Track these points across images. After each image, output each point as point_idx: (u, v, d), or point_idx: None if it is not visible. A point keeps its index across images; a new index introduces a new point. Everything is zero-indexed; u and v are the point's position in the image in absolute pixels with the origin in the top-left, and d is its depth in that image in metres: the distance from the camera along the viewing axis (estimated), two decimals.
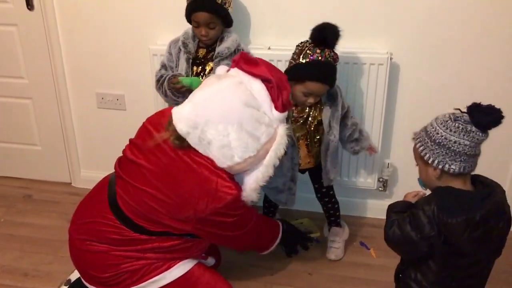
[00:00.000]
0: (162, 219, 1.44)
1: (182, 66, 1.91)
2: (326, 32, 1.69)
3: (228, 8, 1.85)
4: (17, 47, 2.40)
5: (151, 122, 1.55)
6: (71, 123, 2.52)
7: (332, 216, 2.11)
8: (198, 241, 1.56)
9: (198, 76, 1.91)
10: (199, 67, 1.92)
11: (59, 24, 2.31)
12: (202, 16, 1.81)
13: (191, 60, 1.91)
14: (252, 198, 1.46)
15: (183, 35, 1.93)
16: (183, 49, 1.91)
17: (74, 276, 1.81)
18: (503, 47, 1.94)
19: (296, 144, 1.84)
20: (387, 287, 1.84)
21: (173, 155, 1.42)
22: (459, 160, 1.21)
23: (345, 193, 2.27)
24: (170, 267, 1.53)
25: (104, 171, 1.73)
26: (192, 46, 1.91)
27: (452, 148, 1.20)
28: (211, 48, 1.91)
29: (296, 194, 1.96)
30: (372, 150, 2.02)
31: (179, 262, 1.55)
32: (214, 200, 1.38)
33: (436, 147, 1.23)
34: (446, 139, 1.21)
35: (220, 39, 1.89)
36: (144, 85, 2.28)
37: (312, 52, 1.70)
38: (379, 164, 2.16)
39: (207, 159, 1.40)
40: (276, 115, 1.41)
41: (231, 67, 1.49)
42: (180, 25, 1.94)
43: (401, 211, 1.36)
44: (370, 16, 1.99)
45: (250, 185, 1.44)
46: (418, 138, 1.29)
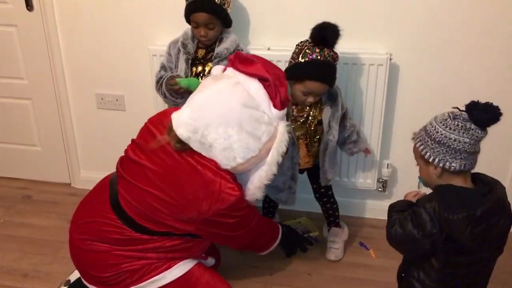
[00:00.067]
0: (165, 220, 1.44)
1: (182, 66, 1.91)
2: (326, 31, 1.68)
3: (227, 8, 1.85)
4: (16, 48, 2.40)
5: (153, 122, 1.55)
6: (70, 123, 2.52)
7: (331, 217, 2.11)
8: (199, 241, 1.56)
9: (198, 76, 1.92)
10: (199, 68, 1.92)
11: (59, 25, 2.31)
12: (201, 16, 1.81)
13: (190, 61, 1.91)
14: (257, 196, 1.49)
15: (182, 35, 1.93)
16: (182, 49, 1.91)
17: (74, 276, 1.81)
18: (502, 47, 1.94)
19: (296, 143, 1.85)
20: (387, 287, 1.85)
21: (177, 157, 1.42)
22: (459, 158, 1.22)
23: (344, 193, 2.27)
24: (170, 267, 1.53)
25: (104, 172, 1.73)
26: (191, 47, 1.91)
27: (452, 146, 1.21)
28: (210, 49, 1.91)
29: (297, 193, 1.96)
30: (368, 151, 2.03)
31: (179, 262, 1.55)
32: (217, 202, 1.39)
33: (437, 145, 1.23)
34: (446, 137, 1.21)
35: (219, 40, 1.89)
36: (144, 85, 2.28)
37: (311, 52, 1.70)
38: (379, 165, 2.16)
39: (210, 161, 1.41)
40: (275, 113, 1.42)
41: (227, 66, 1.49)
42: (179, 25, 1.94)
43: (402, 210, 1.36)
44: (370, 16, 1.99)
45: (254, 184, 1.46)
46: (418, 138, 1.30)
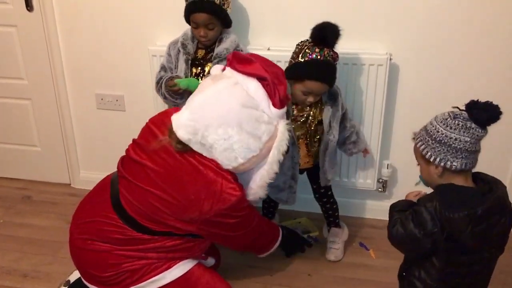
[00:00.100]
0: (166, 220, 1.44)
1: (181, 67, 1.91)
2: (326, 31, 1.68)
3: (227, 9, 1.85)
4: (16, 48, 2.40)
5: (154, 122, 1.56)
6: (70, 124, 2.52)
7: (331, 217, 2.11)
8: (199, 241, 1.56)
9: (197, 77, 1.91)
10: (198, 68, 1.91)
11: (59, 25, 2.31)
12: (200, 17, 1.81)
13: (190, 61, 1.91)
14: (260, 195, 1.51)
15: (182, 36, 1.93)
16: (182, 50, 1.91)
17: (74, 277, 1.81)
18: (502, 47, 1.94)
19: (296, 143, 1.84)
20: (387, 287, 1.85)
21: (178, 157, 1.42)
22: (460, 157, 1.22)
23: (344, 194, 2.27)
24: (170, 267, 1.53)
25: (104, 172, 1.73)
26: (191, 47, 1.91)
27: (453, 145, 1.21)
28: (210, 49, 1.91)
29: (297, 192, 1.96)
30: (366, 152, 2.04)
31: (179, 262, 1.55)
32: (218, 202, 1.39)
33: (437, 145, 1.23)
34: (446, 136, 1.22)
35: (219, 40, 1.89)
36: (144, 86, 2.28)
37: (311, 51, 1.70)
38: (379, 165, 2.16)
39: (211, 161, 1.41)
40: (275, 112, 1.42)
41: (225, 66, 1.49)
42: (179, 26, 1.94)
43: (403, 210, 1.37)
44: (370, 17, 1.99)
45: (257, 183, 1.48)
46: (418, 138, 1.30)
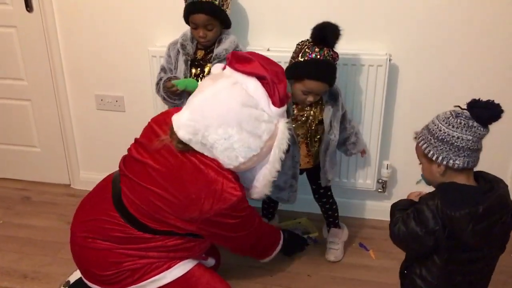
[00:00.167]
0: (167, 219, 1.45)
1: (181, 68, 1.91)
2: (326, 31, 1.69)
3: (226, 9, 1.85)
4: (16, 49, 2.41)
5: (157, 121, 1.56)
6: (70, 124, 2.52)
7: (331, 217, 2.11)
8: (200, 241, 1.57)
9: (197, 77, 1.91)
10: (198, 69, 1.91)
11: (58, 26, 2.31)
12: (200, 18, 1.81)
13: (189, 62, 1.91)
14: (265, 193, 1.52)
15: (181, 37, 1.93)
16: (181, 51, 1.91)
17: (73, 277, 1.80)
18: (502, 47, 1.94)
19: (297, 142, 1.85)
20: None
21: (180, 156, 1.43)
22: (462, 155, 1.22)
23: (344, 194, 2.27)
24: (170, 267, 1.53)
25: (104, 173, 1.73)
26: (190, 48, 1.91)
27: (455, 143, 1.22)
28: (209, 50, 1.91)
29: (298, 191, 1.95)
30: (364, 152, 2.05)
31: (180, 262, 1.55)
32: (219, 201, 1.39)
33: (440, 143, 1.24)
34: (449, 135, 1.22)
35: (218, 41, 1.89)
36: (143, 86, 2.29)
37: (311, 51, 1.70)
38: (378, 165, 2.16)
39: (213, 160, 1.42)
40: (275, 110, 1.42)
41: (225, 65, 1.49)
42: (179, 26, 1.94)
43: (404, 208, 1.37)
44: (369, 17, 1.99)
45: (260, 182, 1.49)
46: (420, 137, 1.31)
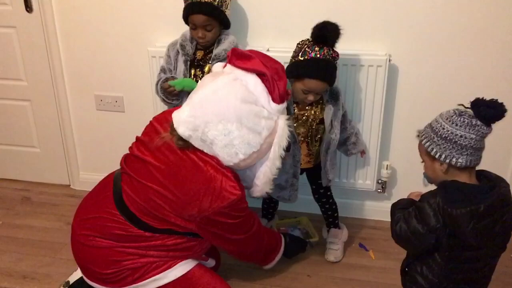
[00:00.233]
0: (167, 217, 1.45)
1: (180, 68, 1.91)
2: (326, 30, 1.69)
3: (226, 10, 1.85)
4: (16, 49, 2.41)
5: (158, 119, 1.57)
6: (70, 125, 2.52)
7: (331, 217, 2.11)
8: (200, 240, 1.57)
9: (196, 78, 1.91)
10: (197, 69, 1.91)
11: (58, 26, 2.31)
12: (198, 18, 1.81)
13: (189, 62, 1.91)
14: (266, 190, 1.52)
15: (181, 37, 1.93)
16: (181, 51, 1.91)
17: (73, 278, 1.80)
18: (501, 48, 1.94)
19: (298, 141, 1.85)
20: None
21: (180, 153, 1.43)
22: (465, 153, 1.23)
23: (344, 194, 2.27)
24: (171, 267, 1.53)
25: (103, 173, 1.73)
26: (190, 48, 1.91)
27: (458, 142, 1.22)
28: (208, 50, 1.91)
29: (298, 189, 1.96)
30: (364, 153, 2.06)
31: (180, 261, 1.55)
32: (218, 199, 1.39)
33: (443, 141, 1.24)
34: (452, 133, 1.22)
35: (218, 41, 1.89)
36: (143, 87, 2.28)
37: (310, 50, 1.70)
38: (378, 166, 2.15)
39: (212, 158, 1.42)
40: (274, 106, 1.42)
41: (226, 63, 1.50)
42: (179, 27, 1.94)
43: (405, 207, 1.37)
44: (369, 18, 1.99)
45: (261, 180, 1.49)
46: (423, 135, 1.31)
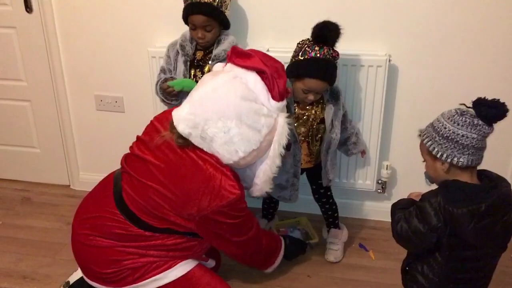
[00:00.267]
0: (166, 216, 1.45)
1: (180, 68, 1.91)
2: (327, 29, 1.69)
3: (225, 10, 1.85)
4: (15, 50, 2.41)
5: (159, 119, 1.58)
6: (69, 125, 2.52)
7: (331, 218, 2.11)
8: (200, 240, 1.57)
9: (196, 78, 1.91)
10: (197, 70, 1.91)
11: (58, 27, 2.31)
12: (198, 19, 1.81)
13: (189, 63, 1.91)
14: (266, 190, 1.52)
15: (180, 37, 1.93)
16: (181, 51, 1.91)
17: (73, 278, 1.80)
18: (501, 48, 1.94)
19: (298, 141, 1.85)
20: None
21: (179, 152, 1.43)
22: (467, 153, 1.23)
23: (343, 195, 2.27)
24: (171, 267, 1.54)
25: (103, 173, 1.73)
26: (189, 49, 1.91)
27: (460, 141, 1.22)
28: (208, 51, 1.91)
29: (299, 189, 1.96)
30: (364, 153, 2.06)
31: (180, 262, 1.56)
32: (216, 198, 1.39)
33: (444, 141, 1.24)
34: (454, 133, 1.23)
35: (217, 42, 1.89)
36: (143, 87, 2.28)
37: (310, 50, 1.70)
38: (378, 166, 2.15)
39: (212, 156, 1.42)
40: (274, 104, 1.42)
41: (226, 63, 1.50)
42: (179, 27, 1.94)
43: (405, 207, 1.37)
44: (369, 18, 1.99)
45: (260, 178, 1.49)
46: (425, 134, 1.31)
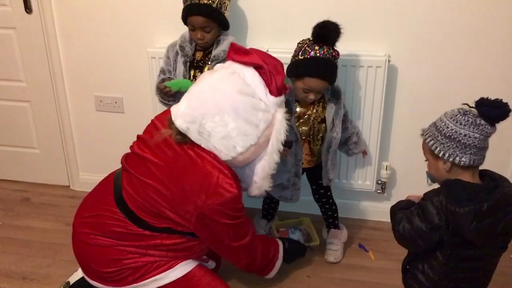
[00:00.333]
0: (164, 213, 1.45)
1: (180, 69, 1.91)
2: (327, 29, 1.69)
3: (225, 11, 1.85)
4: (15, 50, 2.41)
5: (159, 118, 1.59)
6: (69, 126, 2.52)
7: (330, 218, 2.11)
8: (200, 241, 1.56)
9: (195, 79, 1.91)
10: (197, 70, 1.91)
11: (58, 27, 2.31)
12: (197, 20, 1.81)
13: (188, 63, 1.92)
14: (265, 187, 1.51)
15: (180, 38, 1.93)
16: (180, 52, 1.91)
17: (73, 278, 1.80)
18: (501, 49, 1.95)
19: (299, 140, 1.85)
20: None
21: (178, 149, 1.44)
22: (469, 152, 1.23)
23: (343, 195, 2.27)
24: (171, 267, 1.53)
25: (103, 174, 1.72)
26: (189, 49, 1.91)
27: (462, 141, 1.23)
28: (208, 51, 1.91)
29: (300, 189, 1.95)
30: (365, 153, 2.07)
31: (181, 262, 1.56)
32: (213, 195, 1.39)
33: (447, 140, 1.25)
34: (456, 132, 1.23)
35: (217, 42, 1.89)
36: (143, 87, 2.28)
37: (310, 49, 1.71)
38: (378, 166, 2.16)
39: (209, 153, 1.42)
40: (272, 99, 1.42)
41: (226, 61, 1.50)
42: (178, 28, 1.94)
43: (405, 208, 1.37)
44: (368, 18, 1.99)
45: (259, 175, 1.48)
46: (427, 133, 1.32)
